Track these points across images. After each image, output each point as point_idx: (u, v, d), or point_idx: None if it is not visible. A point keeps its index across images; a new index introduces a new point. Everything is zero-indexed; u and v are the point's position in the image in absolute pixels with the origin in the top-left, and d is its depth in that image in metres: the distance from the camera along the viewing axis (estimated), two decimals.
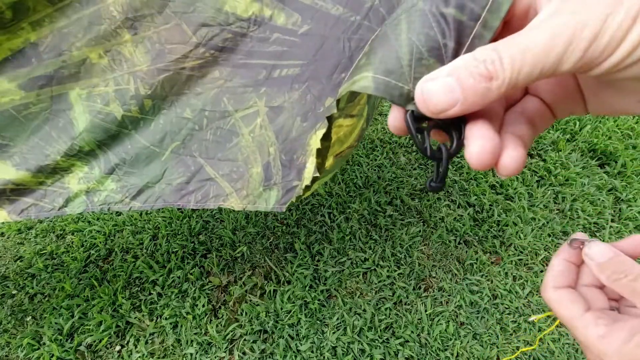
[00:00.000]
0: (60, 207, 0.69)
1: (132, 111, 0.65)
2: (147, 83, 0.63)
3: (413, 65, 0.21)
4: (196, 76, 0.63)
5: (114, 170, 0.68)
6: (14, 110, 0.63)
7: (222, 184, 0.67)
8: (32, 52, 0.60)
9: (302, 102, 0.62)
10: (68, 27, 0.59)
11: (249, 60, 0.62)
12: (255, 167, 0.66)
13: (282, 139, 0.64)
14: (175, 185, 0.68)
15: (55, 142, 0.66)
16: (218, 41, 0.60)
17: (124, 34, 0.60)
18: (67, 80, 0.63)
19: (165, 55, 0.62)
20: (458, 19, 0.21)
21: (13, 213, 0.69)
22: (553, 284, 0.30)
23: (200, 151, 0.67)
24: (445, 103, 0.19)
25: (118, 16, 0.59)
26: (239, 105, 0.64)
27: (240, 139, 0.66)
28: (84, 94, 0.64)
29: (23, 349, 1.08)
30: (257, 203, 0.67)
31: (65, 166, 0.68)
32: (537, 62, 0.18)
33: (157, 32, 0.61)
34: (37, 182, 0.68)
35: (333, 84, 0.60)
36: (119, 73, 0.63)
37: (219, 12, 0.59)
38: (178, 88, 0.64)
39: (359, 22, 0.56)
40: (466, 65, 0.19)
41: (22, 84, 0.61)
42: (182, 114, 0.66)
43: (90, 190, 0.69)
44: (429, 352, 1.11)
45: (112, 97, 0.64)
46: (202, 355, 1.08)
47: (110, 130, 0.66)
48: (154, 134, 0.67)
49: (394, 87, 0.22)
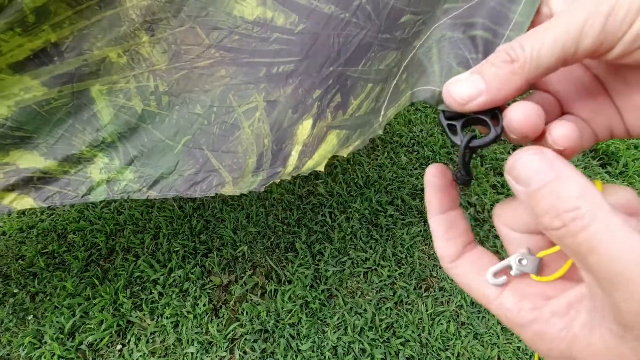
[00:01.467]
0: (84, 195, 0.73)
1: (150, 106, 0.70)
2: (165, 80, 0.68)
3: (444, 74, 0.24)
4: (206, 74, 0.68)
5: (132, 162, 0.73)
6: (36, 105, 0.66)
7: (223, 174, 0.71)
8: (54, 51, 0.63)
9: (295, 95, 0.66)
10: (88, 28, 0.63)
11: (251, 59, 0.66)
12: (251, 158, 0.70)
13: (275, 130, 0.68)
14: (186, 176, 0.72)
15: (81, 134, 0.71)
16: (227, 42, 0.65)
17: (142, 36, 0.65)
18: (88, 78, 0.66)
19: (181, 56, 0.66)
20: (485, 38, 0.23)
21: (39, 200, 0.73)
22: (444, 258, 0.22)
23: (207, 144, 0.71)
24: (469, 93, 0.20)
25: (137, 19, 0.63)
26: (242, 101, 0.68)
27: (241, 132, 0.70)
28: (105, 90, 0.68)
29: (24, 348, 1.08)
30: (243, 187, 0.71)
31: (89, 156, 0.72)
32: (557, 38, 0.17)
33: (173, 34, 0.65)
34: (62, 171, 0.72)
35: (321, 77, 0.64)
36: (138, 71, 0.68)
37: (228, 16, 0.63)
38: (191, 86, 0.69)
39: (348, 19, 0.60)
40: (488, 59, 0.20)
41: (44, 81, 0.65)
42: (193, 109, 0.70)
43: (111, 180, 0.73)
44: (429, 351, 1.11)
45: (134, 92, 0.69)
46: (203, 354, 1.08)
47: (130, 124, 0.71)
48: (169, 129, 0.71)
49: (426, 90, 0.25)
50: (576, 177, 0.16)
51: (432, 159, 1.69)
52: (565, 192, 0.16)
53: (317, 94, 0.65)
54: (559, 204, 0.16)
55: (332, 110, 0.67)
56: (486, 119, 0.21)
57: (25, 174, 0.71)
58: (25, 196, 0.73)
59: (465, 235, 0.23)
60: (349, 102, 0.66)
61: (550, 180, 0.16)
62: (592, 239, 0.15)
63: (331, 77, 0.63)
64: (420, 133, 1.83)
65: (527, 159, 0.17)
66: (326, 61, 0.63)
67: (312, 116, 0.66)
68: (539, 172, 0.17)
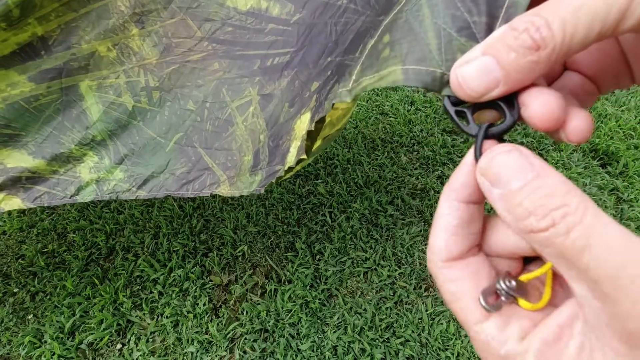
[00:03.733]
0: (72, 195, 0.71)
1: (141, 102, 0.67)
2: (156, 75, 0.65)
3: (443, 48, 0.20)
4: (198, 68, 0.65)
5: (123, 161, 0.70)
6: (23, 102, 0.64)
7: (217, 172, 0.69)
8: (41, 45, 0.61)
9: (291, 88, 0.63)
10: (76, 21, 0.60)
11: (245, 51, 0.63)
12: (247, 155, 0.68)
13: (271, 125, 0.66)
14: (177, 175, 0.70)
15: (70, 132, 0.68)
16: (219, 35, 0.62)
17: (131, 28, 0.62)
18: (77, 73, 0.64)
19: (172, 49, 0.64)
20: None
21: (27, 200, 0.71)
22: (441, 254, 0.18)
23: (200, 142, 0.68)
24: (484, 86, 0.16)
25: (126, 11, 0.60)
26: (235, 96, 0.66)
27: (235, 128, 0.67)
28: (94, 85, 0.66)
29: (24, 347, 1.08)
30: (242, 189, 0.69)
31: (78, 155, 0.70)
32: (595, 18, 0.14)
33: (164, 27, 0.62)
34: (51, 170, 0.70)
35: (319, 69, 0.61)
36: (128, 66, 0.65)
37: (221, 6, 0.60)
38: (183, 81, 0.66)
39: (345, 5, 0.57)
40: (503, 38, 0.16)
41: (32, 76, 0.62)
42: (185, 105, 0.67)
43: (100, 180, 0.71)
44: (429, 351, 1.11)
45: (124, 88, 0.66)
46: (203, 353, 1.08)
47: (121, 121, 0.68)
48: (160, 126, 0.69)
49: (425, 73, 0.20)
50: (557, 174, 0.15)
51: (432, 159, 1.70)
52: (551, 190, 0.14)
53: (316, 86, 0.61)
54: (545, 202, 0.14)
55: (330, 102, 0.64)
56: (502, 104, 0.18)
57: (13, 174, 0.68)
58: (14, 196, 0.71)
59: (477, 237, 0.19)
60: None
61: (532, 179, 0.14)
62: (587, 234, 0.13)
63: (330, 67, 0.60)
64: (420, 133, 1.83)
65: (504, 158, 0.15)
66: (324, 51, 0.59)
67: (311, 110, 0.63)
68: (519, 170, 0.15)
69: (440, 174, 1.63)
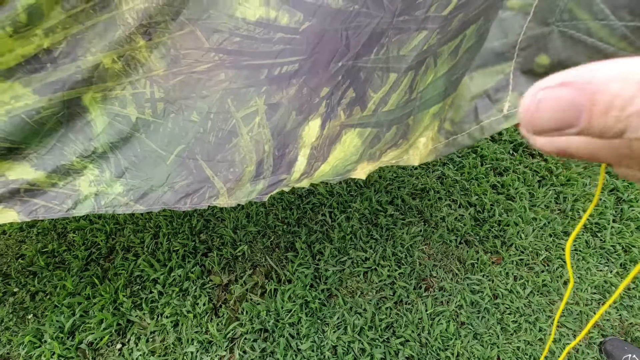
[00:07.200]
0: (69, 209, 0.69)
1: (145, 114, 0.66)
2: (162, 87, 0.64)
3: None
4: (204, 79, 0.64)
5: (124, 174, 0.69)
6: (25, 115, 0.63)
7: (217, 184, 0.68)
8: (47, 57, 0.60)
9: (298, 96, 0.62)
10: (82, 33, 0.60)
11: (252, 61, 0.62)
12: (249, 166, 0.67)
13: (277, 134, 0.65)
14: (177, 188, 0.69)
15: (73, 143, 0.67)
16: (227, 45, 0.61)
17: (138, 40, 0.61)
18: (80, 85, 0.63)
19: (180, 61, 0.63)
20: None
21: (23, 214, 0.69)
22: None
23: (202, 154, 0.67)
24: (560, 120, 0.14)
25: (132, 22, 0.59)
26: (241, 106, 0.65)
27: (239, 140, 0.66)
28: (99, 97, 0.65)
29: (24, 347, 1.08)
30: (241, 198, 0.68)
31: (79, 168, 0.69)
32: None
33: (172, 38, 0.62)
34: (50, 183, 0.69)
35: (329, 74, 0.60)
36: (134, 77, 0.64)
37: (230, 18, 0.60)
38: (188, 92, 0.65)
39: (357, 10, 0.56)
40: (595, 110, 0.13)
41: (36, 88, 0.62)
42: (189, 117, 0.66)
43: (99, 193, 0.70)
44: (429, 351, 1.11)
45: (130, 100, 0.65)
46: (203, 353, 1.08)
47: (123, 133, 0.67)
48: (162, 138, 0.68)
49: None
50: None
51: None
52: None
53: (325, 91, 0.61)
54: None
55: (346, 108, 0.62)
56: None
57: (13, 186, 0.67)
58: (10, 209, 0.69)
59: None
60: (368, 97, 0.61)
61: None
62: None
63: (340, 72, 0.60)
64: None
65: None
66: (334, 57, 0.59)
67: (320, 116, 0.62)
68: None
69: (440, 174, 1.63)
